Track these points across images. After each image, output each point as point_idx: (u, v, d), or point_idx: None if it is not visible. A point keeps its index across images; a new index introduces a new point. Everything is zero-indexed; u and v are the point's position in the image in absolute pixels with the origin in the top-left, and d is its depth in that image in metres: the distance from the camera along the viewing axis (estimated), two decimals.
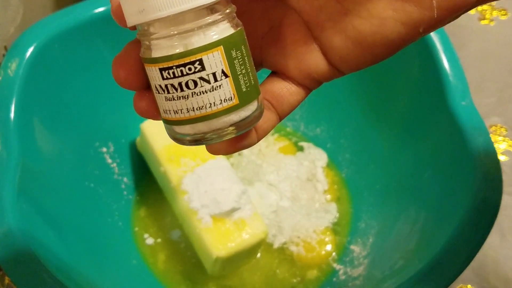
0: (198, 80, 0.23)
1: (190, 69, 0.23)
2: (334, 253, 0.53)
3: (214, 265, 0.48)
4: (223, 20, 0.23)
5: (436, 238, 0.41)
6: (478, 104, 0.45)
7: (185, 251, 0.53)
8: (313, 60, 0.26)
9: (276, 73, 0.27)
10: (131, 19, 0.23)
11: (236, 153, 0.59)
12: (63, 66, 0.49)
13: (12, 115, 0.43)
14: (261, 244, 0.51)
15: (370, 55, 0.25)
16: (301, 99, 0.27)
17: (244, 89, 0.24)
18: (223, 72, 0.23)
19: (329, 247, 0.53)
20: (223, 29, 0.23)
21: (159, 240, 0.53)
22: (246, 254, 0.50)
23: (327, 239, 0.53)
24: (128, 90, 0.26)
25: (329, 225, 0.54)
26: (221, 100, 0.23)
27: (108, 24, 0.50)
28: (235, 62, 0.23)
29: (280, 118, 0.27)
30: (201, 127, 0.24)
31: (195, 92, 0.23)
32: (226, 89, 0.23)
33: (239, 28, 0.24)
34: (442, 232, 0.42)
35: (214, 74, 0.23)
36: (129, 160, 0.56)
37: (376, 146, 0.56)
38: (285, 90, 0.27)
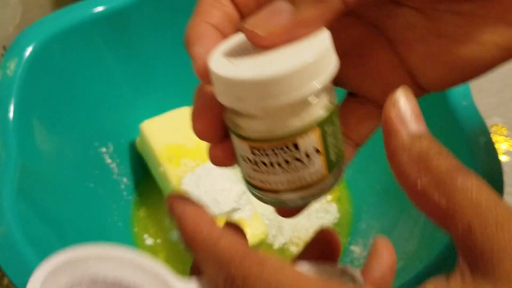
0: (289, 160, 0.22)
1: (283, 150, 0.22)
2: None
3: None
4: (320, 98, 0.22)
5: (437, 239, 0.41)
6: (479, 104, 0.45)
7: (185, 252, 0.52)
8: (399, 81, 0.25)
9: (354, 95, 0.26)
10: (225, 101, 0.22)
11: None
12: (62, 66, 0.48)
13: (11, 115, 0.43)
14: (261, 245, 0.51)
15: (461, 77, 0.24)
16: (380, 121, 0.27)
17: (333, 159, 0.23)
18: (316, 150, 0.22)
19: None
20: (319, 108, 0.22)
21: (158, 240, 0.53)
22: None
23: None
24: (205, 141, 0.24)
25: (330, 225, 0.54)
26: (311, 174, 0.23)
27: (107, 23, 0.50)
28: (328, 137, 0.22)
29: (358, 147, 0.26)
30: (286, 196, 0.23)
31: (285, 169, 0.22)
32: (317, 165, 0.23)
33: (334, 103, 0.23)
34: (443, 233, 0.42)
35: (307, 153, 0.22)
36: (129, 160, 0.56)
37: (376, 146, 0.55)
38: (366, 118, 0.26)
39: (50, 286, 0.23)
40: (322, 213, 0.55)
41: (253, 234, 0.48)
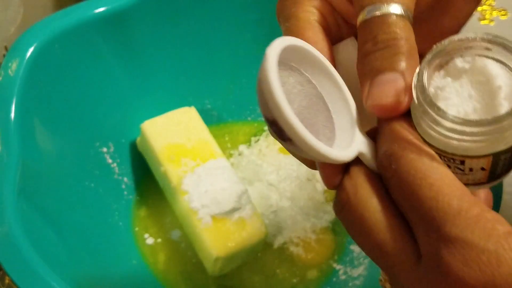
0: (451, 166, 0.22)
1: (448, 160, 0.22)
2: (334, 253, 0.53)
3: (214, 265, 0.48)
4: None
5: None
6: None
7: (185, 251, 0.53)
8: None
9: None
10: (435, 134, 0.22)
11: (237, 153, 0.59)
12: (63, 66, 0.49)
13: (12, 115, 0.43)
14: (261, 244, 0.51)
15: None
16: None
17: (497, 173, 0.23)
18: (481, 168, 0.22)
19: (329, 247, 0.53)
20: (502, 143, 0.21)
21: (159, 240, 0.53)
22: (246, 254, 0.50)
23: (327, 239, 0.53)
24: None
25: (329, 225, 0.54)
26: (468, 179, 0.23)
27: (109, 24, 0.50)
28: (499, 162, 0.22)
29: None
30: None
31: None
32: (478, 176, 0.23)
33: None
34: None
35: (470, 168, 0.22)
36: (130, 160, 0.56)
37: None
38: None
39: (285, 58, 0.23)
40: (322, 212, 0.55)
41: (253, 233, 0.49)
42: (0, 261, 0.37)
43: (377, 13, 0.24)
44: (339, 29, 0.28)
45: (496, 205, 0.41)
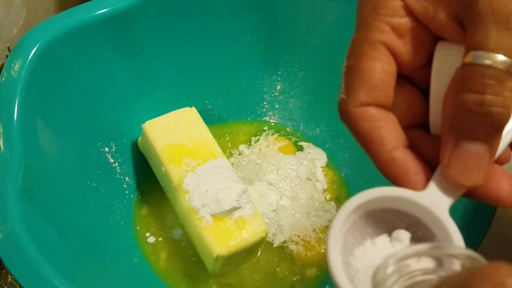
0: None
1: None
2: None
3: (215, 264, 0.49)
4: None
5: None
6: None
7: (186, 250, 0.53)
8: None
9: None
10: None
11: (237, 153, 0.59)
12: (65, 67, 0.49)
13: (15, 115, 0.43)
14: (261, 243, 0.51)
15: None
16: None
17: None
18: None
19: None
20: None
21: (160, 238, 0.54)
22: (246, 253, 0.50)
23: (326, 237, 0.54)
24: None
25: (328, 224, 0.55)
26: None
27: (111, 25, 0.50)
28: None
29: None
30: None
31: None
32: None
33: None
34: None
35: None
36: (131, 159, 0.57)
37: None
38: None
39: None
40: (321, 211, 0.55)
41: (253, 232, 0.49)
42: (3, 260, 0.38)
43: (487, 62, 0.22)
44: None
45: (494, 206, 0.41)
